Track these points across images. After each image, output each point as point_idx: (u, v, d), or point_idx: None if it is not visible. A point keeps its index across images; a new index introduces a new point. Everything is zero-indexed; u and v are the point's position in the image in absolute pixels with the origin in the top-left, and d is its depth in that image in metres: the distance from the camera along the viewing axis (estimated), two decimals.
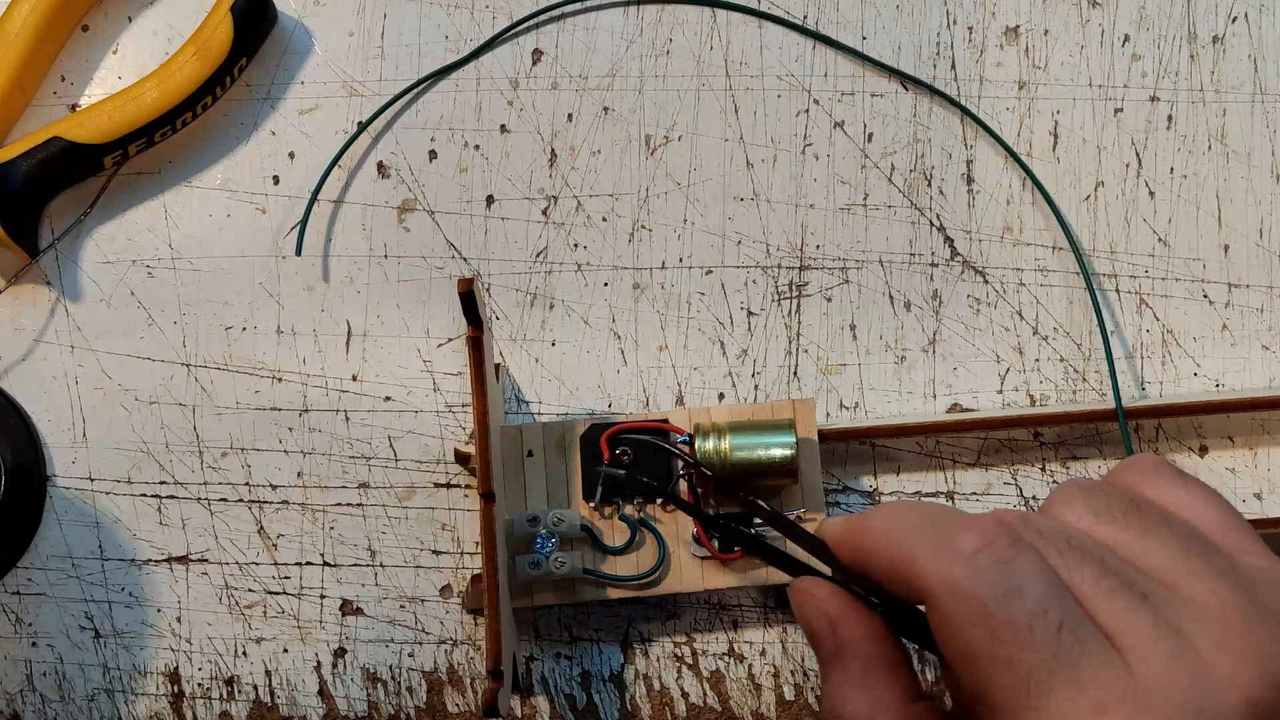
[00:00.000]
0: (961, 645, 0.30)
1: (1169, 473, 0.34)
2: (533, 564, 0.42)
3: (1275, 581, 0.31)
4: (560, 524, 0.43)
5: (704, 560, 0.44)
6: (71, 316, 0.47)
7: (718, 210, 0.48)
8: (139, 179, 0.48)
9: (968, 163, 0.48)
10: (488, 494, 0.40)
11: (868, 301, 0.48)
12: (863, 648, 0.34)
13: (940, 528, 0.31)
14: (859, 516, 0.35)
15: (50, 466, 0.47)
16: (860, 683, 0.34)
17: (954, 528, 0.31)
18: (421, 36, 0.49)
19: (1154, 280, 0.48)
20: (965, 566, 0.30)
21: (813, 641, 0.36)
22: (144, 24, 0.49)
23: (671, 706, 0.46)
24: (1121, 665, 0.29)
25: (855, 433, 0.45)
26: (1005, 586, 0.29)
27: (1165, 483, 0.34)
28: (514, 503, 0.44)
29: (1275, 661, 0.29)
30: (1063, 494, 0.33)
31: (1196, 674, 0.28)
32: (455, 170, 0.48)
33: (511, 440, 0.44)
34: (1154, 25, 0.49)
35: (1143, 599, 0.30)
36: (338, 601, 0.47)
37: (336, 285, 0.48)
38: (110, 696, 0.46)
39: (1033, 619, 0.29)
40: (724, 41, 0.49)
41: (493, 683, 0.39)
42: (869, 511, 0.35)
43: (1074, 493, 0.33)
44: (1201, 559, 0.31)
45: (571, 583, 0.44)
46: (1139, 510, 0.32)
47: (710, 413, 0.45)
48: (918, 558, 0.31)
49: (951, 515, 0.32)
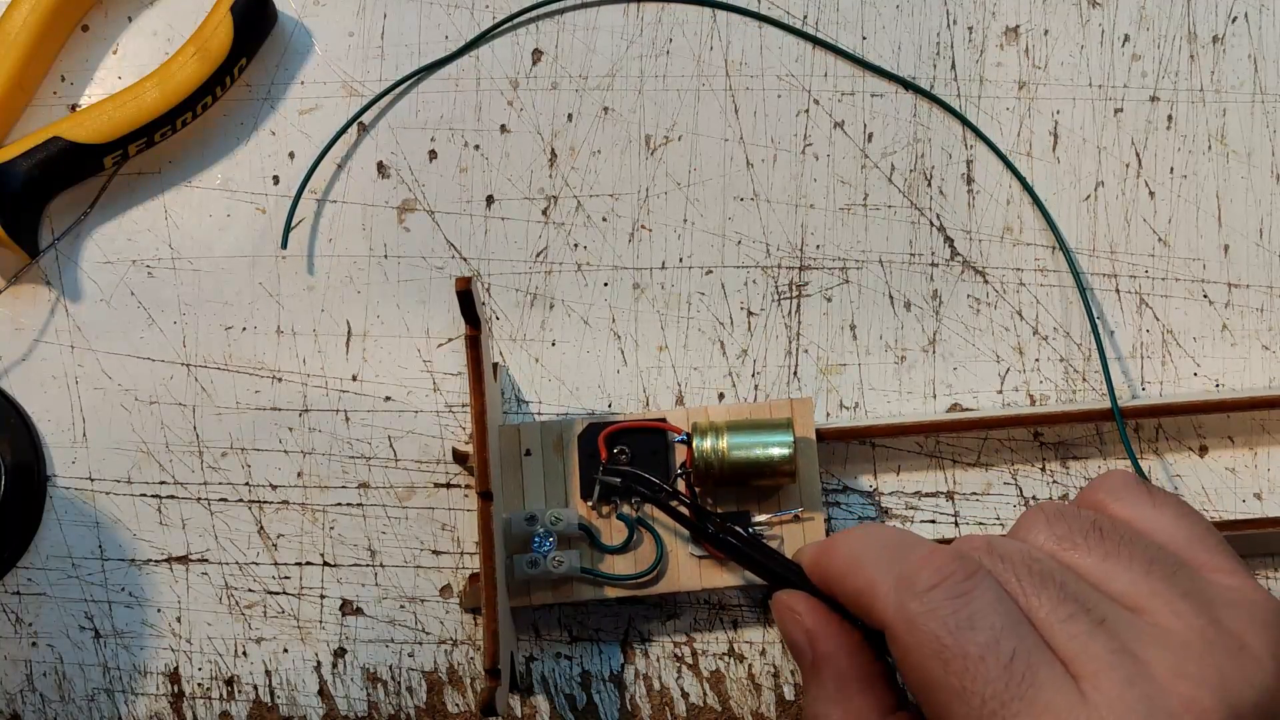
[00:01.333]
0: (919, 677, 0.30)
1: (1138, 490, 0.34)
2: (530, 563, 0.42)
3: (1241, 601, 0.31)
4: (558, 523, 0.43)
5: (702, 559, 0.44)
6: (71, 316, 0.47)
7: (718, 210, 0.48)
8: (139, 179, 0.48)
9: (968, 163, 0.48)
10: (485, 493, 0.40)
11: (868, 301, 0.48)
12: (839, 661, 0.34)
13: (899, 559, 0.32)
14: (828, 541, 0.35)
15: (50, 466, 0.47)
16: (836, 696, 0.34)
17: (913, 560, 0.31)
18: (422, 36, 0.49)
19: (1154, 280, 0.48)
20: (920, 601, 0.30)
21: (793, 653, 0.36)
22: (144, 24, 0.49)
23: (671, 706, 0.46)
24: (1076, 692, 0.29)
25: (854, 432, 0.45)
26: (958, 620, 0.30)
27: (1134, 501, 0.34)
28: (512, 502, 0.44)
29: (1235, 686, 0.29)
30: (1029, 519, 0.33)
31: (1153, 700, 0.28)
32: (455, 170, 0.48)
33: (509, 439, 0.44)
34: (1154, 25, 0.49)
35: (1099, 624, 0.30)
36: (338, 601, 0.47)
37: (336, 285, 0.48)
38: (110, 696, 0.46)
39: (985, 650, 0.29)
40: (724, 41, 0.49)
41: (490, 681, 0.39)
42: (837, 536, 0.35)
43: (1039, 518, 0.33)
44: (1164, 580, 0.31)
45: (569, 582, 0.44)
46: (1101, 533, 0.32)
47: (708, 412, 0.45)
48: (877, 590, 0.32)
49: (912, 545, 0.33)
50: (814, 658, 0.35)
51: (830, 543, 0.35)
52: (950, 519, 0.47)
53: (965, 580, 0.30)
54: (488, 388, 0.40)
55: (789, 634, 0.36)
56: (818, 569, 0.35)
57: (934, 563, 0.31)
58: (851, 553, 0.33)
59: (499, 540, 0.41)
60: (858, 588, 0.32)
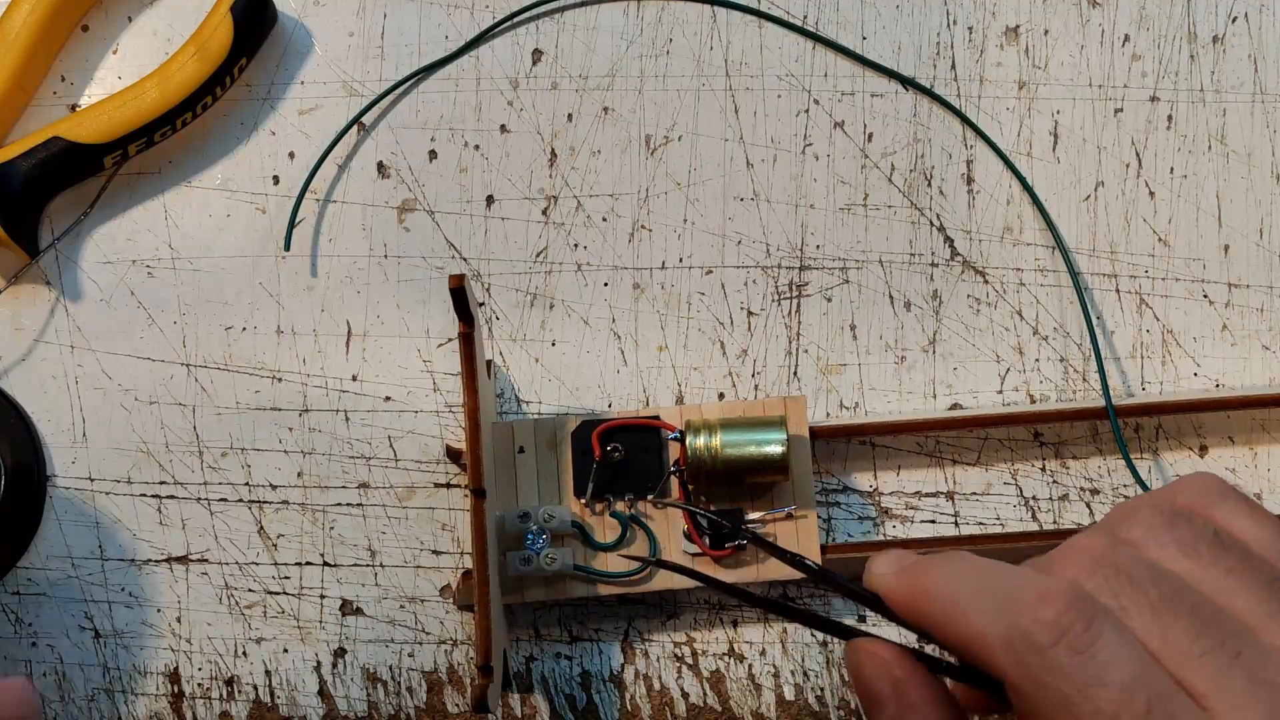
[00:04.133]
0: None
1: (1236, 499, 0.32)
2: (524, 560, 0.42)
3: None
4: (551, 520, 0.43)
5: (695, 557, 0.44)
6: (71, 316, 0.47)
7: (718, 210, 0.48)
8: (139, 179, 0.48)
9: (968, 163, 0.48)
10: (479, 489, 0.40)
11: (868, 301, 0.48)
12: (928, 712, 0.33)
13: (1007, 605, 0.30)
14: (913, 572, 0.33)
15: (50, 466, 0.47)
16: None
17: (1025, 611, 0.29)
18: (422, 36, 0.49)
19: (1154, 280, 0.48)
20: (1042, 658, 0.29)
21: (871, 702, 0.34)
22: (144, 24, 0.49)
23: (671, 706, 0.46)
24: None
25: (848, 429, 0.45)
26: (1086, 676, 0.28)
27: (1235, 511, 0.32)
28: (505, 499, 0.44)
29: None
30: (1143, 519, 0.32)
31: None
32: (455, 170, 0.48)
33: (503, 437, 0.44)
34: (1154, 25, 0.49)
35: (1235, 658, 0.29)
36: (338, 601, 0.47)
37: (336, 285, 0.48)
38: (110, 696, 0.46)
39: (1119, 706, 0.28)
40: (724, 41, 0.49)
41: (483, 678, 0.39)
42: (923, 564, 0.33)
43: (1157, 520, 0.32)
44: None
45: (562, 579, 0.44)
46: (1223, 546, 0.31)
47: (702, 410, 0.45)
48: (988, 642, 0.30)
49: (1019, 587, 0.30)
50: (899, 708, 0.33)
51: (918, 573, 0.32)
52: (950, 519, 0.47)
53: (1087, 631, 0.29)
54: (481, 385, 0.40)
55: (870, 681, 0.33)
56: (910, 605, 0.33)
57: (1050, 613, 0.29)
58: (948, 595, 0.31)
59: (492, 537, 0.41)
60: (962, 636, 0.30)
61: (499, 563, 0.42)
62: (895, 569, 0.33)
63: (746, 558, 0.44)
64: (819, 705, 0.46)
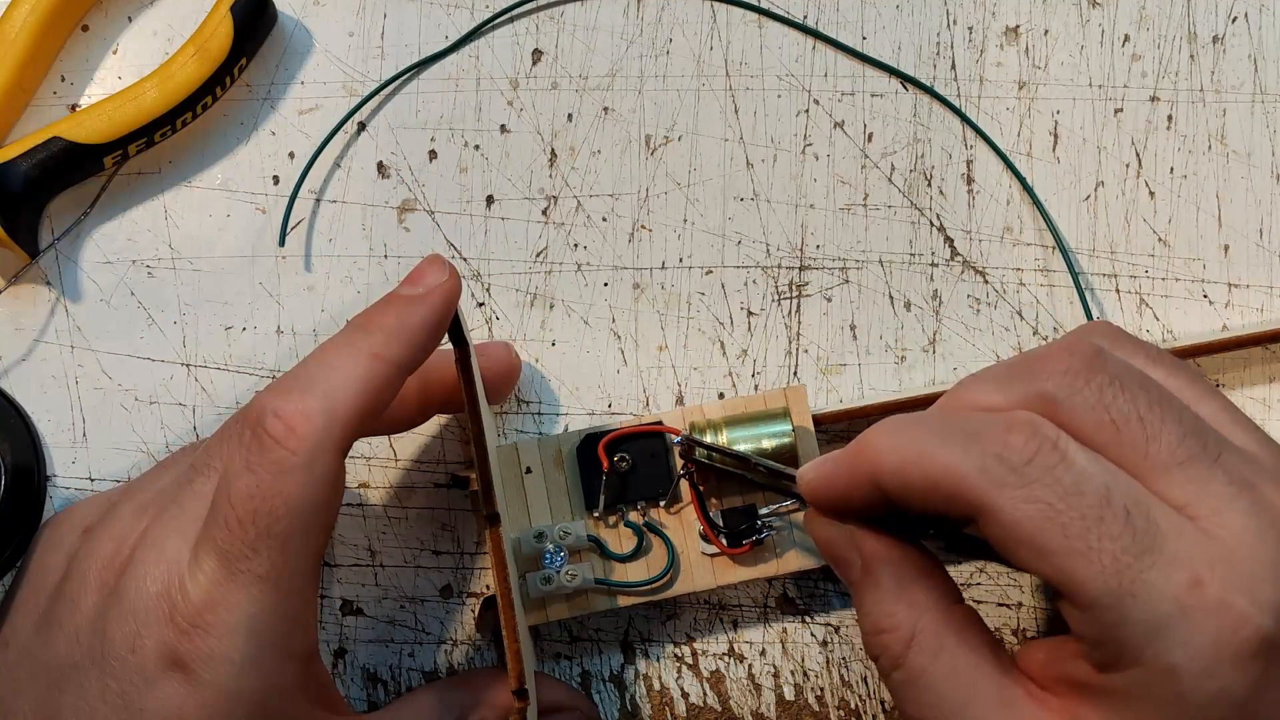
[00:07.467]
0: (1035, 549, 0.29)
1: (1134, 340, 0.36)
2: (544, 580, 0.42)
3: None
4: (567, 537, 0.43)
5: (714, 558, 0.44)
6: (71, 316, 0.47)
7: (718, 210, 0.48)
8: (139, 179, 0.48)
9: (968, 163, 0.48)
10: (492, 515, 0.40)
11: (868, 301, 0.48)
12: (890, 554, 0.33)
13: (974, 440, 0.31)
14: (848, 452, 0.33)
15: (50, 466, 0.47)
16: (896, 593, 0.33)
17: (993, 434, 0.30)
18: (422, 36, 0.49)
19: (1154, 280, 0.48)
20: (1020, 475, 0.29)
21: (839, 567, 0.34)
22: (144, 24, 0.49)
23: (671, 706, 0.46)
24: (1201, 534, 0.29)
25: (849, 414, 0.45)
26: (1065, 486, 0.29)
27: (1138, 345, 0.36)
28: (517, 520, 0.44)
29: None
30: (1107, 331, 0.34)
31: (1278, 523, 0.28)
32: (455, 170, 0.48)
33: (508, 458, 0.44)
34: (1154, 25, 0.49)
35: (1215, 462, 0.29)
36: (338, 601, 0.47)
37: (336, 285, 0.48)
38: None
39: (1101, 510, 0.29)
40: (724, 41, 0.49)
41: (520, 702, 0.39)
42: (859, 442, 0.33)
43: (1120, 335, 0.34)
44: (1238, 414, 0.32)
45: (584, 594, 0.43)
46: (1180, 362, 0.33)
47: (704, 410, 0.45)
48: (961, 475, 0.30)
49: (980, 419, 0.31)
50: (864, 561, 0.33)
51: (856, 450, 0.33)
52: None
53: (1055, 449, 0.30)
54: (483, 410, 0.40)
55: (831, 541, 0.34)
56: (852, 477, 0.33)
57: (1019, 438, 0.30)
58: (912, 444, 0.32)
59: (510, 560, 0.41)
60: (932, 477, 0.31)
61: (520, 585, 0.42)
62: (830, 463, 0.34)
63: (765, 553, 0.44)
64: (819, 705, 0.46)
